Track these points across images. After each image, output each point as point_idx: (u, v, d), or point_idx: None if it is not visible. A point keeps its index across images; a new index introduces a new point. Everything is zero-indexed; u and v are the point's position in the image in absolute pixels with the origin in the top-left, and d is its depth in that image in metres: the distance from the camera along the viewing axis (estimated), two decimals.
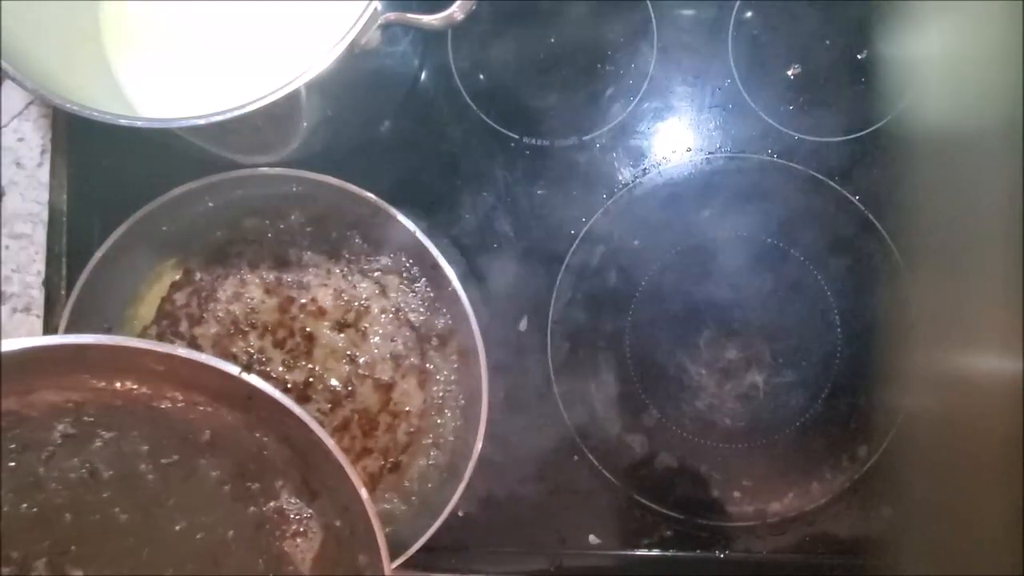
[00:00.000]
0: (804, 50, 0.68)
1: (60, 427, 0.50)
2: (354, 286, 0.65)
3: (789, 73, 0.68)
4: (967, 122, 0.54)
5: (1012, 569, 0.46)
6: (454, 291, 0.60)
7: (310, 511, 0.53)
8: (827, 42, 0.68)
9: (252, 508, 0.52)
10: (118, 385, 0.50)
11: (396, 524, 0.63)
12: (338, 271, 0.65)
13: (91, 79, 0.58)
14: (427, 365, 0.65)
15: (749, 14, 0.68)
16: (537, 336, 0.68)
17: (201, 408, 0.51)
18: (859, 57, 0.67)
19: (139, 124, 0.49)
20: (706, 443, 0.67)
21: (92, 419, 0.50)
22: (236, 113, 0.48)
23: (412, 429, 0.65)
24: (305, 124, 0.57)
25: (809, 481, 0.66)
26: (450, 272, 0.60)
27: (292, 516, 0.52)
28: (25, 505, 0.49)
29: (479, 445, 0.59)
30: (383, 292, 0.65)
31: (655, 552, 0.67)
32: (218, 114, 0.48)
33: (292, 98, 0.49)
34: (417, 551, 0.58)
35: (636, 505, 0.67)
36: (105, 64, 0.59)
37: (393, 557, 0.58)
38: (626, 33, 0.69)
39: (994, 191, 0.49)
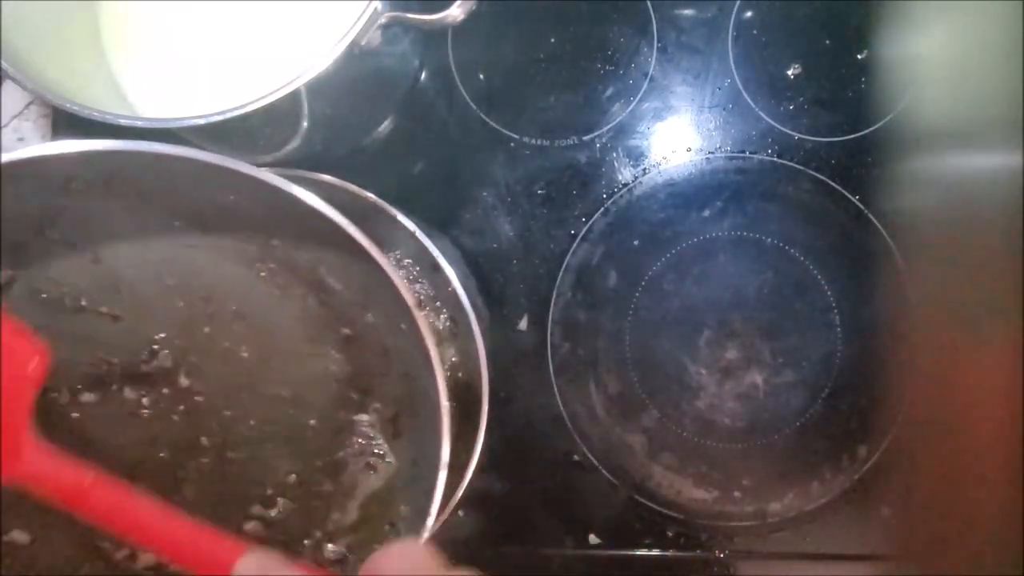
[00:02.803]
0: (804, 50, 0.68)
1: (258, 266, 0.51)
2: None
3: (789, 73, 0.68)
4: (967, 122, 0.54)
5: (1012, 569, 0.46)
6: (454, 291, 0.60)
7: (384, 445, 0.53)
8: (827, 42, 0.68)
9: (342, 413, 0.53)
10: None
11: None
12: None
13: (91, 79, 0.58)
14: None
15: (749, 14, 0.68)
16: (537, 336, 0.68)
17: (356, 307, 0.51)
18: (859, 57, 0.67)
19: (139, 124, 0.49)
20: (706, 443, 0.67)
21: (274, 267, 0.51)
22: (236, 113, 0.48)
23: None
24: (305, 124, 0.57)
25: (809, 481, 0.66)
26: (450, 272, 0.60)
27: (367, 440, 0.53)
28: (181, 304, 0.50)
29: (479, 445, 0.59)
30: None
31: (655, 552, 0.67)
32: (218, 114, 0.48)
33: (292, 98, 0.49)
34: None
35: (636, 505, 0.67)
36: (105, 64, 0.59)
37: None
38: (626, 33, 0.69)
39: (994, 191, 0.49)
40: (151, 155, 0.40)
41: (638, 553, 0.67)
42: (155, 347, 0.51)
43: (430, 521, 0.46)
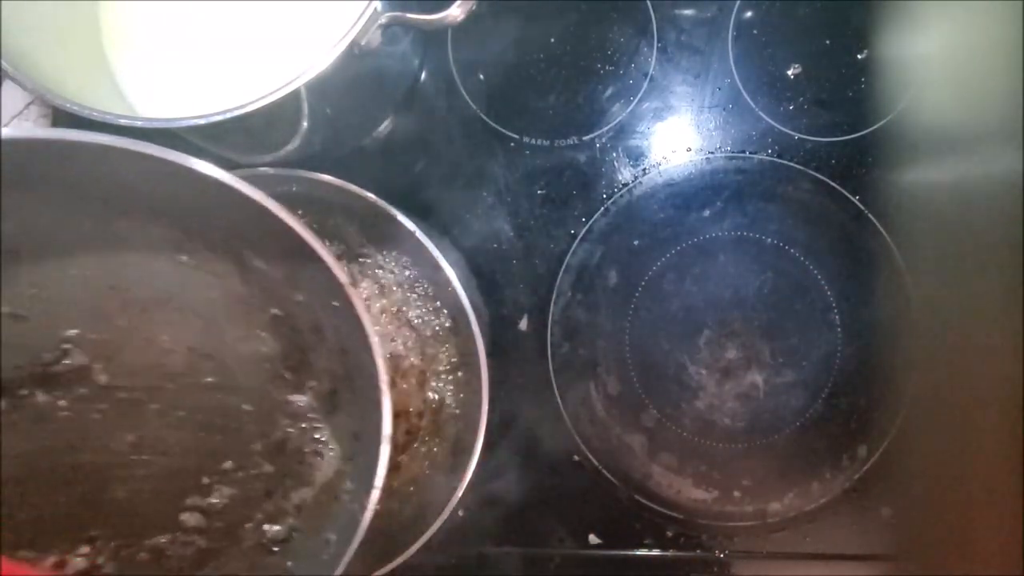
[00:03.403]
0: (804, 50, 0.68)
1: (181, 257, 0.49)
2: (354, 286, 0.65)
3: (789, 73, 0.68)
4: (967, 122, 0.54)
5: (1012, 569, 0.46)
6: (454, 291, 0.60)
7: (322, 422, 0.52)
8: (827, 42, 0.68)
9: (276, 395, 0.52)
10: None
11: (396, 524, 0.63)
12: None
13: (91, 79, 0.58)
14: (427, 365, 0.65)
15: (749, 14, 0.68)
16: (537, 336, 0.68)
17: (284, 286, 0.50)
18: (859, 57, 0.67)
19: (139, 124, 0.49)
20: (706, 443, 0.67)
21: (193, 250, 0.49)
22: (236, 113, 0.48)
23: (412, 429, 0.65)
24: (305, 124, 0.57)
25: (809, 481, 0.66)
26: (450, 272, 0.60)
27: (302, 417, 0.52)
28: (92, 296, 0.48)
29: (479, 445, 0.59)
30: (383, 292, 0.65)
31: (655, 552, 0.67)
32: (218, 114, 0.48)
33: (292, 98, 0.49)
34: (417, 551, 0.58)
35: (636, 505, 0.67)
36: (105, 64, 0.59)
37: (393, 557, 0.58)
38: (626, 33, 0.69)
39: (994, 191, 0.49)
40: (48, 141, 0.39)
41: (638, 553, 0.67)
42: (65, 345, 0.49)
43: (375, 494, 0.46)
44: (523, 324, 0.68)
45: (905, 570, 0.62)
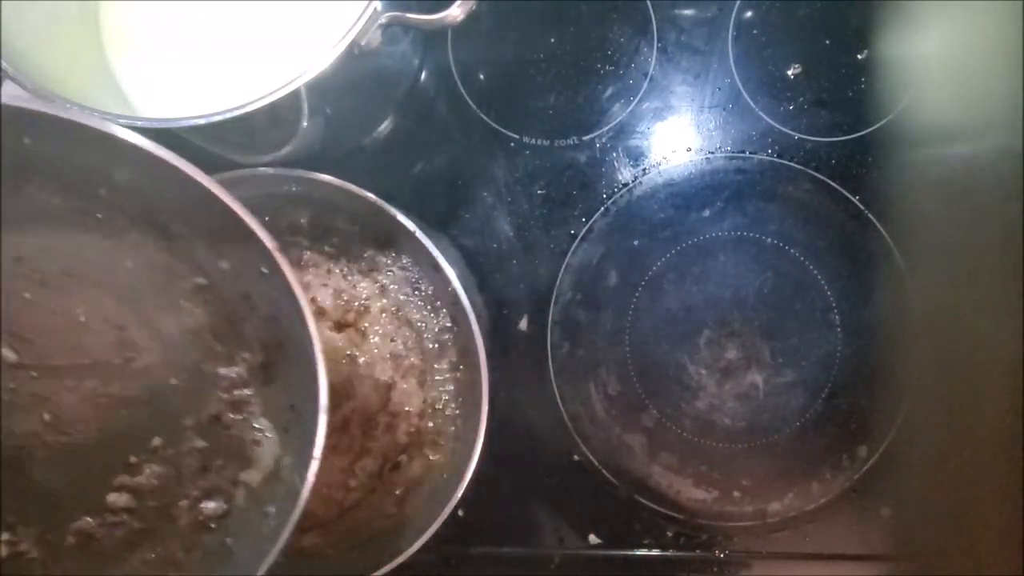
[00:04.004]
0: (804, 50, 0.68)
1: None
2: (354, 286, 0.65)
3: (789, 73, 0.68)
4: (967, 122, 0.54)
5: (1012, 569, 0.46)
6: (454, 291, 0.60)
7: (256, 394, 0.51)
8: (827, 42, 0.68)
9: (204, 367, 0.50)
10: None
11: (396, 524, 0.63)
12: (338, 271, 0.65)
13: (91, 79, 0.58)
14: (427, 365, 0.65)
15: (749, 14, 0.68)
16: (537, 336, 0.68)
17: (207, 253, 0.49)
18: (859, 57, 0.67)
19: (139, 124, 0.49)
20: (706, 443, 0.67)
21: (104, 217, 0.47)
22: (236, 113, 0.48)
23: (412, 429, 0.65)
24: (305, 124, 0.57)
25: (809, 481, 0.66)
26: (450, 272, 0.60)
27: (234, 389, 0.51)
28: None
29: (479, 445, 0.59)
30: (383, 292, 0.65)
31: (655, 552, 0.67)
32: (218, 114, 0.48)
33: (292, 98, 0.49)
34: (417, 551, 0.58)
35: (636, 505, 0.67)
36: (105, 64, 0.59)
37: (393, 557, 0.58)
38: (626, 33, 0.69)
39: (994, 191, 0.49)
40: None
41: (638, 553, 0.67)
42: None
43: (314, 465, 0.45)
44: (523, 324, 0.68)
45: (905, 570, 0.62)
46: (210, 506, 0.51)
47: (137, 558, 0.50)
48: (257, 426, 0.51)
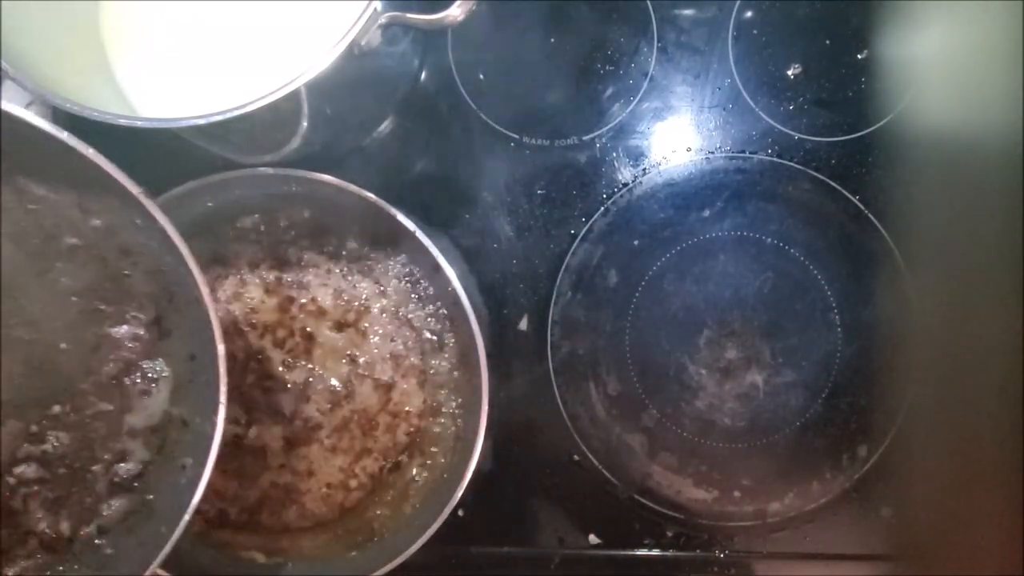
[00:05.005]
0: (804, 50, 0.68)
1: None
2: (354, 286, 0.65)
3: (789, 73, 0.68)
4: (967, 122, 0.54)
5: (1012, 569, 0.46)
6: (454, 291, 0.60)
7: (153, 349, 0.51)
8: (827, 42, 0.68)
9: (94, 329, 0.50)
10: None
11: (396, 524, 0.63)
12: (338, 271, 0.65)
13: (91, 79, 0.58)
14: (427, 365, 0.65)
15: (749, 14, 0.68)
16: (537, 336, 0.68)
17: (75, 212, 0.48)
18: (859, 57, 0.67)
19: (139, 124, 0.49)
20: (706, 443, 0.67)
21: None
22: (236, 113, 0.48)
23: (412, 429, 0.65)
24: (305, 124, 0.57)
25: (809, 481, 0.66)
26: (450, 272, 0.60)
27: (130, 347, 0.51)
28: None
29: (479, 445, 0.59)
30: (383, 292, 0.65)
31: (655, 552, 0.67)
32: (218, 114, 0.48)
33: (292, 98, 0.49)
34: (417, 551, 0.58)
35: (636, 505, 0.67)
36: (105, 64, 0.59)
37: (393, 557, 0.58)
38: (626, 33, 0.69)
39: (994, 191, 0.49)
40: None
41: (638, 553, 0.67)
42: None
43: (221, 411, 0.45)
44: (523, 324, 0.68)
45: (905, 570, 0.62)
46: (125, 467, 0.51)
47: (54, 523, 0.51)
48: (160, 381, 0.51)
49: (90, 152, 0.42)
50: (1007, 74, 0.49)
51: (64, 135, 0.42)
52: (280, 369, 0.64)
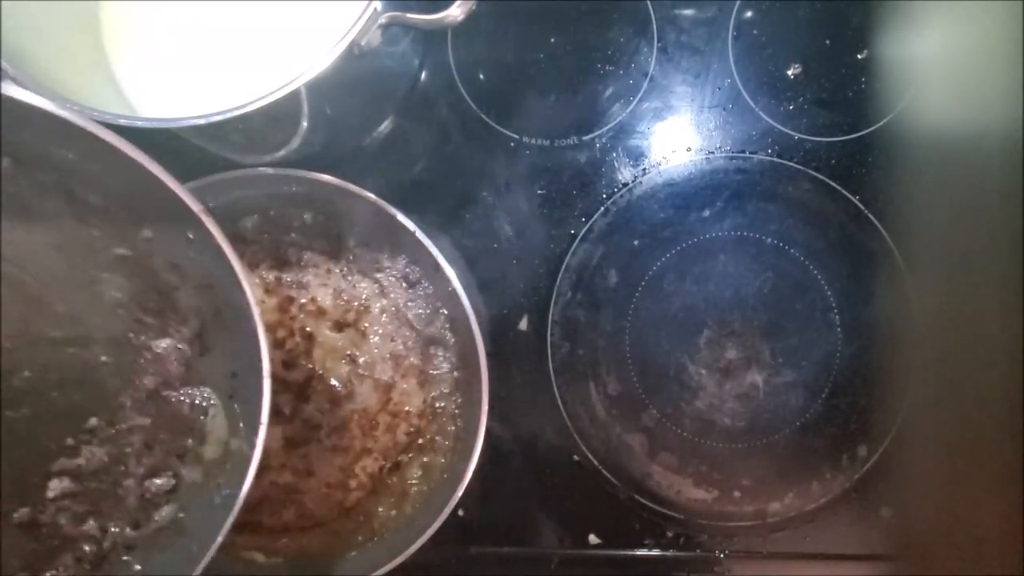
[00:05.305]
0: (804, 50, 0.68)
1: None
2: (354, 286, 0.65)
3: (789, 73, 0.68)
4: (967, 122, 0.54)
5: (1012, 569, 0.46)
6: (454, 291, 0.60)
7: (194, 365, 0.50)
8: (827, 42, 0.68)
9: (137, 341, 0.50)
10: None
11: (396, 524, 0.63)
12: (338, 271, 0.65)
13: (91, 79, 0.58)
14: (427, 365, 0.65)
15: (749, 14, 0.68)
16: (537, 336, 0.68)
17: (125, 225, 0.47)
18: (859, 57, 0.67)
19: (139, 124, 0.49)
20: (706, 443, 0.67)
21: (16, 191, 0.45)
22: (236, 113, 0.48)
23: (412, 429, 0.65)
24: (305, 124, 0.57)
25: (809, 481, 0.66)
26: (450, 272, 0.60)
27: (171, 362, 0.50)
28: None
29: (479, 445, 0.59)
30: (383, 292, 0.65)
31: (655, 552, 0.67)
32: (218, 114, 0.48)
33: (292, 98, 0.49)
34: (417, 551, 0.58)
35: (636, 505, 0.67)
36: (105, 64, 0.59)
37: (393, 557, 0.58)
38: (626, 33, 0.69)
39: (994, 191, 0.49)
40: None
41: (638, 553, 0.67)
42: None
43: (262, 431, 0.44)
44: (523, 324, 0.68)
45: (905, 570, 0.62)
46: (158, 482, 0.50)
47: (84, 538, 0.50)
48: (199, 397, 0.51)
49: (152, 165, 0.41)
50: (1007, 74, 0.49)
51: (126, 145, 0.41)
52: (280, 369, 0.64)
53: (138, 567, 0.49)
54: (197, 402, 0.51)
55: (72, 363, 0.49)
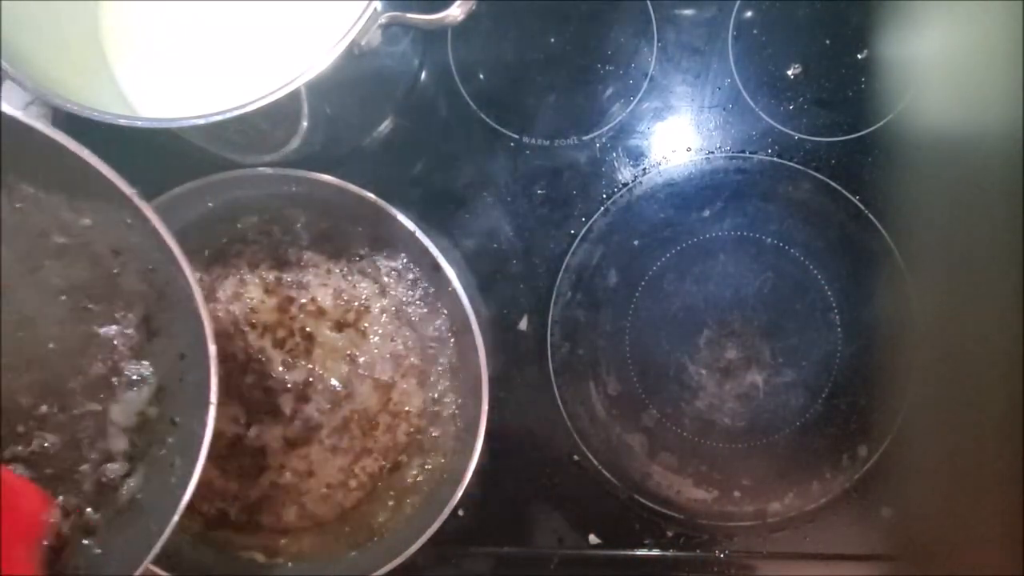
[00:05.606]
0: (804, 50, 0.68)
1: None
2: (354, 286, 0.65)
3: (789, 73, 0.68)
4: (967, 122, 0.54)
5: (1012, 569, 0.46)
6: (454, 291, 0.60)
7: (142, 349, 0.51)
8: (827, 42, 0.68)
9: (83, 328, 0.50)
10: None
11: (396, 524, 0.63)
12: (338, 271, 0.65)
13: (91, 79, 0.58)
14: (427, 365, 0.65)
15: (749, 14, 0.68)
16: (537, 336, 0.68)
17: (65, 210, 0.48)
18: (859, 57, 0.67)
19: (139, 124, 0.49)
20: (706, 443, 0.67)
21: None
22: (236, 113, 0.48)
23: (412, 429, 0.65)
24: (305, 124, 0.57)
25: (809, 481, 0.66)
26: (450, 272, 0.60)
27: (118, 347, 0.51)
28: None
29: (479, 445, 0.59)
30: (383, 292, 0.65)
31: (655, 552, 0.67)
32: (218, 114, 0.48)
33: (292, 98, 0.49)
34: (417, 551, 0.58)
35: (636, 505, 0.67)
36: (105, 64, 0.59)
37: (393, 557, 0.58)
38: (626, 33, 0.69)
39: (994, 191, 0.49)
40: None
41: (638, 553, 0.67)
42: None
43: (212, 410, 0.45)
44: (523, 324, 0.68)
45: (905, 570, 0.62)
46: (112, 467, 0.51)
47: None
48: (147, 380, 0.51)
49: (84, 152, 0.42)
50: (1007, 74, 0.49)
51: (57, 134, 0.42)
52: (280, 369, 0.64)
53: (98, 551, 0.50)
54: (147, 385, 0.51)
55: (19, 349, 0.49)
